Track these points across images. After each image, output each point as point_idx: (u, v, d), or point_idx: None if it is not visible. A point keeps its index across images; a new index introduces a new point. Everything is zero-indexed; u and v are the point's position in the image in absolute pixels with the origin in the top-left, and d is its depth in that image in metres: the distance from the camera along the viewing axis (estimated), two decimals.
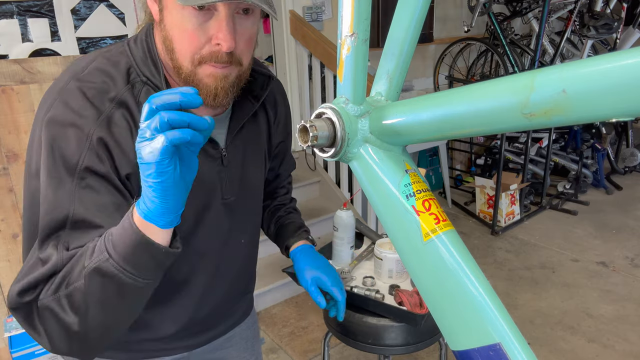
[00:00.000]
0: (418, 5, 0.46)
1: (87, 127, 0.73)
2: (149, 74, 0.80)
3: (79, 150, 0.72)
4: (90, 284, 0.66)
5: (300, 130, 0.43)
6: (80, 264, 0.68)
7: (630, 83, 0.27)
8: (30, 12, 2.17)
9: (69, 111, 0.74)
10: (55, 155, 0.72)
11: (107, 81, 0.77)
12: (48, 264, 0.69)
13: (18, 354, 1.96)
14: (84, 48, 2.35)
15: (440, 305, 0.42)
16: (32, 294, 0.69)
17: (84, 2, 2.31)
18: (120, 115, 0.76)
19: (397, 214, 0.43)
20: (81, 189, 0.72)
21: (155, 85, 0.80)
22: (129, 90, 0.78)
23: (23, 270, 0.71)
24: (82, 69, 0.78)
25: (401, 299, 1.24)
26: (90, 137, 0.73)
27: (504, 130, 0.37)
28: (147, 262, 0.66)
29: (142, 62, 0.81)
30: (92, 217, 0.72)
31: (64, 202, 0.71)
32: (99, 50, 0.84)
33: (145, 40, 0.82)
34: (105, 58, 0.80)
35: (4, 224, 2.07)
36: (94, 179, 0.73)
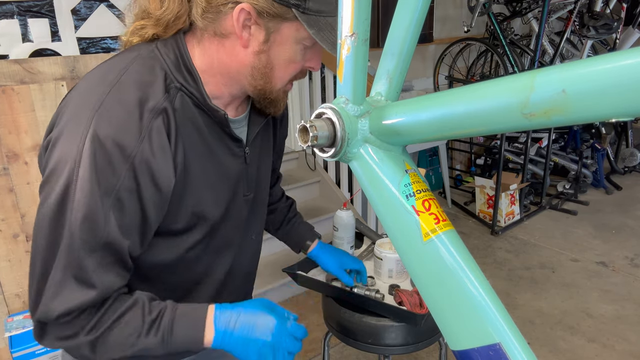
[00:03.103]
0: (418, 5, 0.46)
1: (130, 147, 0.72)
2: (182, 81, 0.80)
3: (118, 171, 0.71)
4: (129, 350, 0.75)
5: (300, 130, 0.43)
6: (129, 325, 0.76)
7: (630, 83, 0.27)
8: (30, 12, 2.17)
9: (111, 129, 0.71)
10: (97, 175, 0.70)
11: (146, 90, 0.76)
12: (88, 293, 0.72)
13: (18, 354, 1.96)
14: (84, 48, 2.35)
15: (440, 305, 0.42)
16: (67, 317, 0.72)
17: (84, 2, 2.31)
18: (160, 122, 0.76)
19: (397, 214, 0.43)
20: (115, 210, 0.72)
21: (191, 92, 0.81)
22: (167, 98, 0.78)
23: (50, 288, 0.72)
24: (116, 77, 0.76)
25: (401, 299, 1.24)
26: (132, 159, 0.72)
27: (504, 130, 0.37)
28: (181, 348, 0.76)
29: (175, 68, 0.80)
30: (121, 240, 0.74)
31: (100, 222, 0.71)
32: (127, 55, 0.81)
33: (177, 46, 0.82)
34: (140, 64, 0.79)
35: (4, 224, 2.07)
36: (129, 201, 0.73)
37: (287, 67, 0.81)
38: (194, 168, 0.84)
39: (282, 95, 0.87)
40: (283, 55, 0.80)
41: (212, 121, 0.86)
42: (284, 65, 0.81)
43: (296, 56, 0.80)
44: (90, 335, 0.74)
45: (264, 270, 2.72)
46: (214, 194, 0.90)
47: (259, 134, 0.99)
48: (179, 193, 0.83)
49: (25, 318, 2.09)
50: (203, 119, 0.84)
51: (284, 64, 0.80)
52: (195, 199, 0.86)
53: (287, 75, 0.83)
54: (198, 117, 0.83)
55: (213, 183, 0.89)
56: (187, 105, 0.82)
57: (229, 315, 0.80)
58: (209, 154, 0.87)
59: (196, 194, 0.86)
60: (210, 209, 0.89)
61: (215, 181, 0.89)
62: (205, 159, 0.86)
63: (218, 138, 0.88)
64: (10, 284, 2.14)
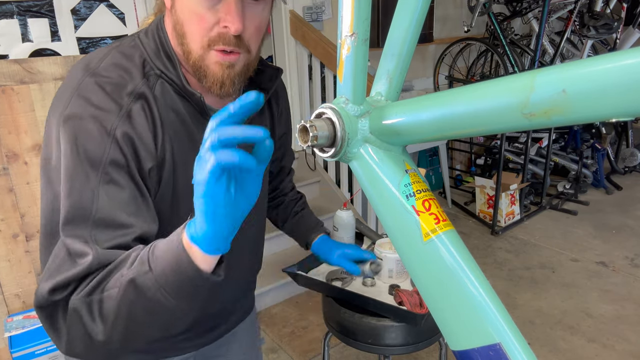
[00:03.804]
0: (418, 5, 0.46)
1: (110, 121, 0.72)
2: (162, 67, 0.79)
3: (102, 144, 0.70)
4: (124, 294, 0.64)
5: (300, 130, 0.43)
6: (119, 271, 0.66)
7: (630, 83, 0.27)
8: (30, 12, 2.17)
9: (90, 106, 0.72)
10: (79, 150, 0.70)
11: (124, 75, 0.77)
12: (83, 262, 0.67)
13: (18, 354, 1.96)
14: (84, 48, 2.35)
15: (440, 305, 0.42)
16: (63, 292, 0.67)
17: (84, 2, 2.31)
18: (139, 107, 0.75)
19: (397, 214, 0.43)
20: (105, 184, 0.70)
21: (170, 79, 0.80)
22: (146, 83, 0.78)
23: (51, 267, 0.69)
24: (96, 64, 0.77)
25: (401, 299, 1.24)
26: (114, 132, 0.71)
27: (504, 130, 0.37)
28: (184, 284, 0.62)
29: (154, 55, 0.80)
30: (115, 214, 0.70)
31: (88, 198, 0.69)
32: (110, 46, 0.83)
33: (157, 33, 0.82)
34: (119, 52, 0.80)
35: (4, 224, 2.07)
36: (118, 174, 0.71)
37: (192, 20, 0.74)
38: (178, 159, 0.81)
39: (213, 66, 0.77)
40: (185, 6, 0.75)
41: (195, 110, 0.83)
42: (188, 18, 0.75)
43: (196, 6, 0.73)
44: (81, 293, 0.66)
45: (264, 270, 2.72)
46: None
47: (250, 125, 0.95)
48: (163, 187, 0.80)
49: (25, 318, 2.09)
50: (185, 107, 0.82)
51: (189, 17, 0.75)
52: (180, 195, 0.83)
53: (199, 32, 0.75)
54: (180, 105, 0.81)
55: None
56: (168, 93, 0.80)
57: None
58: (193, 146, 0.83)
59: (181, 190, 0.82)
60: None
61: None
62: (190, 151, 0.83)
63: (201, 127, 0.82)
64: (10, 284, 2.13)
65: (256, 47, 0.81)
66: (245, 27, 0.75)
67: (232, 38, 0.75)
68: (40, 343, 2.00)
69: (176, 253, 0.61)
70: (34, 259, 2.14)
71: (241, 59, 0.79)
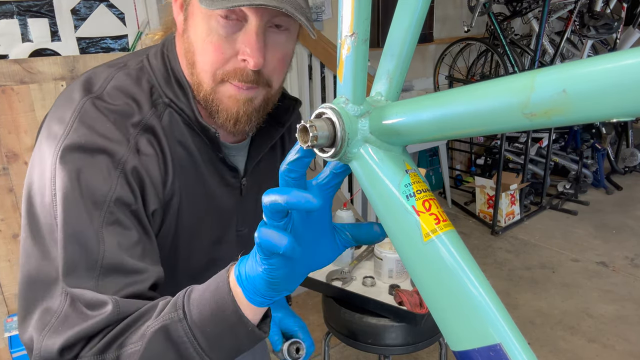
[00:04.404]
0: (418, 5, 0.46)
1: (119, 154, 0.63)
2: (172, 96, 0.71)
3: (109, 179, 0.62)
4: (148, 348, 0.54)
5: (300, 130, 0.43)
6: (144, 323, 0.56)
7: (631, 83, 0.27)
8: (30, 12, 2.17)
9: (95, 135, 0.63)
10: (81, 186, 0.61)
11: (130, 103, 0.68)
12: (100, 313, 0.57)
13: (18, 354, 1.96)
14: (84, 48, 2.35)
15: (440, 305, 0.42)
16: (73, 350, 0.57)
17: (84, 2, 2.31)
18: (147, 141, 0.67)
19: (397, 214, 0.43)
20: (109, 225, 0.61)
21: (181, 109, 0.71)
22: (154, 114, 0.69)
23: (50, 321, 0.58)
24: (100, 87, 0.69)
25: (401, 299, 1.23)
26: (122, 165, 0.63)
27: (504, 130, 0.37)
28: (224, 336, 0.54)
29: (164, 81, 0.71)
30: (124, 259, 0.61)
31: (92, 242, 0.60)
32: (115, 64, 0.73)
33: (167, 56, 0.73)
34: (125, 74, 0.71)
35: (4, 224, 2.07)
36: (123, 213, 0.62)
37: (205, 50, 0.65)
38: (184, 197, 0.73)
39: (227, 100, 0.68)
40: (198, 32, 0.65)
41: (204, 143, 0.74)
42: (201, 47, 0.65)
43: (210, 34, 0.64)
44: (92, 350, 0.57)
45: None
46: (205, 235, 0.78)
47: (262, 162, 0.84)
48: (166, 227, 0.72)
49: None
50: (194, 140, 0.73)
51: (201, 45, 0.65)
52: (181, 235, 0.75)
53: (212, 64, 0.66)
54: (189, 138, 0.72)
55: (202, 218, 0.77)
56: (177, 124, 0.71)
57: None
58: (201, 183, 0.75)
59: (183, 230, 0.74)
60: (195, 254, 0.78)
61: (204, 216, 0.77)
62: (196, 188, 0.75)
63: (211, 164, 0.76)
64: (10, 284, 2.13)
65: (279, 81, 0.71)
66: (267, 60, 0.66)
67: (251, 73, 0.66)
68: None
69: (219, 295, 0.53)
70: None
71: (260, 92, 0.69)
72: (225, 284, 0.54)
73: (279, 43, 0.67)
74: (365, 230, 0.53)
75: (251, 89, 0.68)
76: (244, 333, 0.54)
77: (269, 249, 0.47)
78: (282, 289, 0.53)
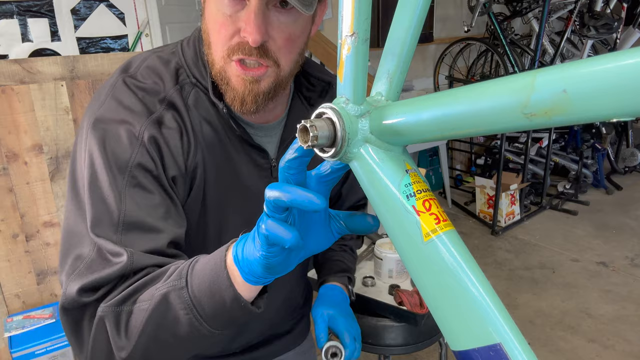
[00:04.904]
0: (418, 5, 0.46)
1: (139, 124, 0.70)
2: (198, 76, 0.76)
3: (130, 147, 0.68)
4: (155, 309, 0.59)
5: (301, 130, 0.43)
6: (155, 283, 0.61)
7: (631, 83, 0.27)
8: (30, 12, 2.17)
9: (121, 108, 0.70)
10: (107, 153, 0.68)
11: (158, 82, 0.74)
12: (117, 261, 0.63)
13: (18, 354, 1.96)
14: (84, 48, 2.35)
15: (440, 305, 0.42)
16: (94, 294, 0.62)
17: (84, 2, 2.31)
18: (171, 117, 0.72)
19: (397, 213, 0.43)
20: (132, 188, 0.67)
21: (206, 87, 0.76)
22: (178, 92, 0.74)
23: (78, 266, 0.64)
24: (135, 68, 0.76)
25: (401, 299, 1.23)
26: (142, 135, 0.69)
27: (504, 130, 0.37)
28: (219, 309, 0.57)
29: (193, 64, 0.76)
30: (144, 218, 0.66)
31: (115, 201, 0.66)
32: (153, 49, 0.81)
33: (198, 39, 0.78)
34: (157, 56, 0.77)
35: (4, 224, 2.07)
36: (145, 177, 0.68)
37: (215, 29, 0.70)
38: (209, 171, 0.76)
39: (235, 79, 0.71)
40: (210, 13, 0.70)
41: (228, 120, 0.76)
42: (212, 27, 0.70)
43: (218, 13, 0.68)
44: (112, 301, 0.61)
45: None
46: (234, 213, 0.80)
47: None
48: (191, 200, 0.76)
49: (25, 318, 2.08)
50: (218, 117, 0.77)
51: (212, 25, 0.70)
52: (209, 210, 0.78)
53: (220, 41, 0.69)
54: (214, 116, 0.76)
55: (229, 194, 0.80)
56: (203, 102, 0.76)
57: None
58: (227, 160, 0.78)
59: (210, 204, 0.78)
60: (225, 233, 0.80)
61: (231, 192, 0.80)
62: (223, 165, 0.78)
63: (239, 143, 0.79)
64: (9, 284, 2.13)
65: (288, 61, 0.72)
66: (271, 37, 0.68)
67: (253, 49, 0.68)
68: (40, 343, 1.99)
69: (215, 271, 0.56)
70: (34, 259, 2.14)
71: (269, 73, 0.71)
72: (222, 262, 0.57)
73: (283, 22, 0.69)
74: (358, 220, 0.55)
75: (258, 69, 0.70)
76: (237, 308, 0.57)
77: (274, 241, 0.49)
78: (278, 272, 0.55)
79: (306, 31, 0.73)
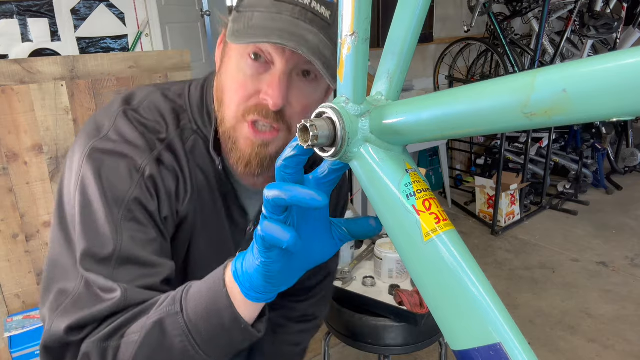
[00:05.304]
0: (418, 5, 0.46)
1: (141, 159, 0.68)
2: (200, 124, 0.75)
3: (130, 180, 0.67)
4: (146, 339, 0.56)
5: (301, 130, 0.43)
6: (145, 314, 0.59)
7: (631, 83, 0.27)
8: (30, 12, 2.17)
9: (122, 141, 0.69)
10: (104, 184, 0.66)
11: (160, 121, 0.73)
12: (110, 298, 0.60)
13: (18, 354, 1.96)
14: (84, 48, 2.35)
15: (440, 305, 0.42)
16: (81, 332, 0.60)
17: (84, 2, 2.31)
18: (169, 158, 0.71)
19: (397, 213, 0.43)
20: (127, 221, 0.65)
21: (206, 136, 0.75)
22: (179, 136, 0.73)
23: (63, 302, 0.62)
24: (139, 102, 0.75)
25: (401, 299, 1.24)
26: (143, 170, 0.68)
27: (504, 130, 0.37)
28: (217, 332, 0.55)
29: (197, 110, 0.75)
30: (140, 252, 0.64)
31: (110, 233, 0.64)
32: (160, 86, 0.79)
33: (206, 88, 0.77)
34: (162, 95, 0.76)
35: (4, 224, 2.07)
36: (141, 212, 0.67)
37: (232, 87, 0.68)
38: (199, 221, 0.76)
39: (243, 141, 0.69)
40: (229, 71, 0.69)
41: (221, 173, 0.76)
42: (229, 85, 0.69)
43: (239, 72, 0.67)
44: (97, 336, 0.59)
45: None
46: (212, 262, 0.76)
47: None
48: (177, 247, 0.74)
49: (25, 318, 2.08)
50: (214, 169, 0.76)
51: (230, 83, 0.69)
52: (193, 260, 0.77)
53: (236, 100, 0.68)
54: (209, 166, 0.76)
55: (213, 249, 0.79)
56: (200, 150, 0.75)
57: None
58: (215, 212, 0.77)
59: (195, 255, 0.77)
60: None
61: (215, 247, 0.79)
62: (211, 216, 0.77)
63: (225, 196, 0.78)
64: (9, 284, 2.13)
65: None
66: (290, 103, 0.68)
67: (271, 112, 0.67)
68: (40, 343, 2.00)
69: (213, 291, 0.54)
70: (33, 259, 2.14)
71: (280, 138, 0.70)
72: (221, 280, 0.55)
73: (304, 90, 0.69)
74: (361, 225, 0.54)
75: (270, 133, 0.69)
76: (237, 330, 0.55)
77: (271, 242, 0.48)
78: (279, 284, 0.53)
79: (322, 100, 0.73)
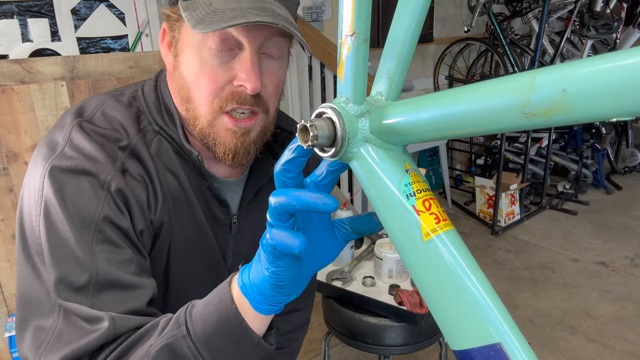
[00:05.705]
0: (418, 5, 0.46)
1: (104, 173, 0.64)
2: (161, 123, 0.71)
3: (96, 199, 0.62)
4: None
5: (301, 130, 0.43)
6: (146, 342, 0.55)
7: (631, 83, 0.27)
8: (30, 12, 2.17)
9: (81, 157, 0.64)
10: (68, 206, 0.61)
11: (117, 128, 0.69)
12: (97, 328, 0.56)
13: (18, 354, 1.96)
14: (84, 48, 2.35)
15: (440, 305, 0.42)
16: None
17: (84, 2, 2.31)
18: (134, 166, 0.67)
19: (397, 213, 0.43)
20: (99, 244, 0.61)
21: (170, 136, 0.71)
22: (141, 139, 0.69)
23: (45, 339, 0.58)
24: (92, 111, 0.70)
25: (401, 299, 1.24)
26: (108, 185, 0.63)
27: (504, 130, 0.37)
28: (230, 350, 0.53)
29: (155, 110, 0.72)
30: (119, 275, 0.60)
31: (83, 259, 0.59)
32: (111, 92, 0.75)
33: (160, 87, 0.74)
34: (116, 100, 0.72)
35: (4, 224, 2.07)
36: (113, 231, 0.62)
37: (202, 83, 0.65)
38: (175, 225, 0.72)
39: (224, 133, 0.67)
40: (190, 66, 0.65)
41: (193, 172, 0.73)
42: (195, 80, 0.65)
43: (203, 65, 0.64)
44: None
45: None
46: (197, 267, 0.76)
47: (260, 200, 0.81)
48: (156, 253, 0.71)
49: None
50: (184, 168, 0.72)
51: (196, 80, 0.65)
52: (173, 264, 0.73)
53: (208, 94, 0.65)
54: (179, 166, 0.72)
55: (193, 252, 0.75)
56: (166, 151, 0.71)
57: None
58: (191, 213, 0.73)
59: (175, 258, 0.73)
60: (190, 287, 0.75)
61: (195, 250, 0.75)
62: (188, 219, 0.73)
63: (200, 195, 0.74)
64: (10, 284, 2.13)
65: (274, 107, 0.71)
66: (264, 85, 0.66)
67: (249, 97, 0.65)
68: None
69: (222, 307, 0.52)
70: None
71: (258, 122, 0.69)
72: (228, 296, 0.53)
73: (273, 69, 0.68)
74: (365, 221, 0.53)
75: (249, 120, 0.68)
76: (249, 345, 0.54)
77: (282, 250, 0.47)
78: (289, 292, 0.52)
79: (285, 77, 0.73)
